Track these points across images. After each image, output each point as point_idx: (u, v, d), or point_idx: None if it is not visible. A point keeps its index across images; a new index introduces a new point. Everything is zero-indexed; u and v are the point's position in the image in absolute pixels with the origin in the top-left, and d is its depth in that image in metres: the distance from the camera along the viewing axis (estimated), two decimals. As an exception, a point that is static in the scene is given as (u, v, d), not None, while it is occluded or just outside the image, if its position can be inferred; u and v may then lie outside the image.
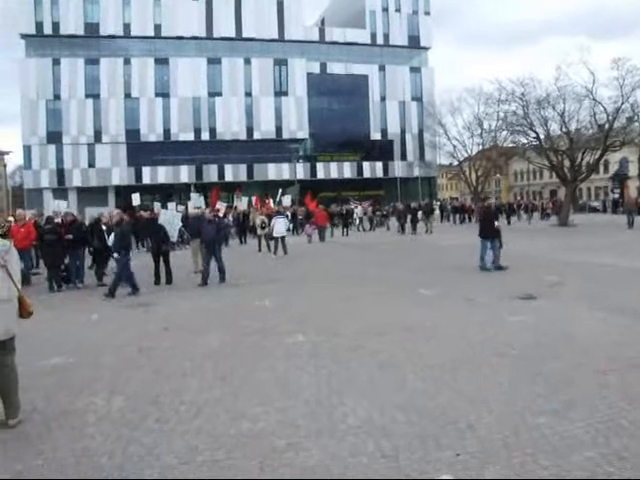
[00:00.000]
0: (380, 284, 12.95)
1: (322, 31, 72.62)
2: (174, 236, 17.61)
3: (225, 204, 28.00)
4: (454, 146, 53.94)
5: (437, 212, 50.49)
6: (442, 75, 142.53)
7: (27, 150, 65.22)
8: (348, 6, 75.16)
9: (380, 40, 72.82)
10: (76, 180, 64.52)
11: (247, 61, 68.02)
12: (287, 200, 37.02)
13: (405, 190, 67.32)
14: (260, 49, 68.15)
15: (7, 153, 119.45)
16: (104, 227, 15.79)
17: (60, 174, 64.79)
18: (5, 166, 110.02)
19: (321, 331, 8.05)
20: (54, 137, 64.39)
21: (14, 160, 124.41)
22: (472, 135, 52.46)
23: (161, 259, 14.70)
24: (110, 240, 14.40)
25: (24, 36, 64.80)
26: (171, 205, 30.42)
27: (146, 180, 64.71)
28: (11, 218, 16.57)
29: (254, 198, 34.28)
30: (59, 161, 64.88)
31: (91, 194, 62.60)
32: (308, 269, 17.35)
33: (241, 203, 34.78)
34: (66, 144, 64.71)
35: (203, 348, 7.25)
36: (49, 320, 9.80)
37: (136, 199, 32.85)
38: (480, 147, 52.23)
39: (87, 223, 16.53)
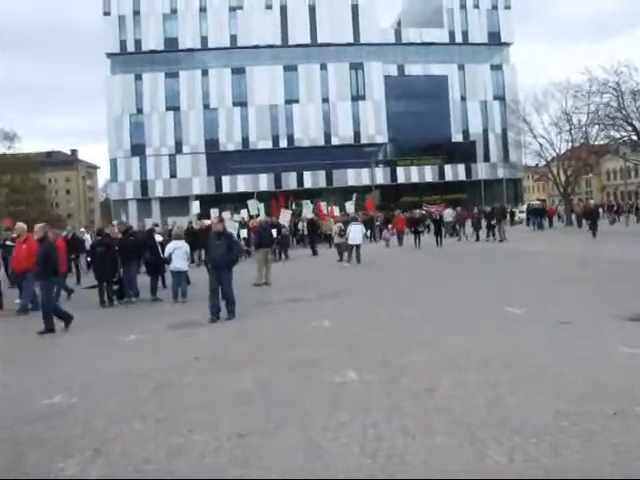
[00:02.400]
0: (460, 300, 11.22)
1: (398, 32, 70.96)
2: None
3: (290, 211, 26.80)
4: (540, 145, 50.55)
5: (523, 216, 47.77)
6: (525, 73, 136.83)
7: (113, 163, 67.78)
8: (424, 5, 73.08)
9: (459, 38, 70.40)
10: (159, 190, 66.06)
11: (323, 67, 67.43)
12: (350, 207, 35.63)
13: (489, 193, 64.42)
14: (336, 54, 67.39)
15: (98, 167, 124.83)
16: (159, 238, 15.07)
17: (144, 185, 66.59)
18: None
19: (380, 366, 6.54)
20: (138, 150, 66.36)
21: (104, 174, 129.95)
22: (560, 132, 49.00)
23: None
24: (167, 251, 13.61)
25: (109, 55, 67.30)
26: (226, 215, 29.47)
27: (226, 189, 65.27)
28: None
29: (318, 205, 32.97)
30: (143, 172, 66.82)
31: (173, 204, 63.67)
32: (379, 280, 15.85)
33: (307, 210, 33.60)
34: (149, 156, 66.57)
35: (229, 388, 5.92)
36: (78, 342, 8.92)
37: (196, 207, 32.46)
38: (569, 145, 48.88)
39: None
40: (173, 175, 66.76)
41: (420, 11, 73.82)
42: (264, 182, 65.23)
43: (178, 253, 13.38)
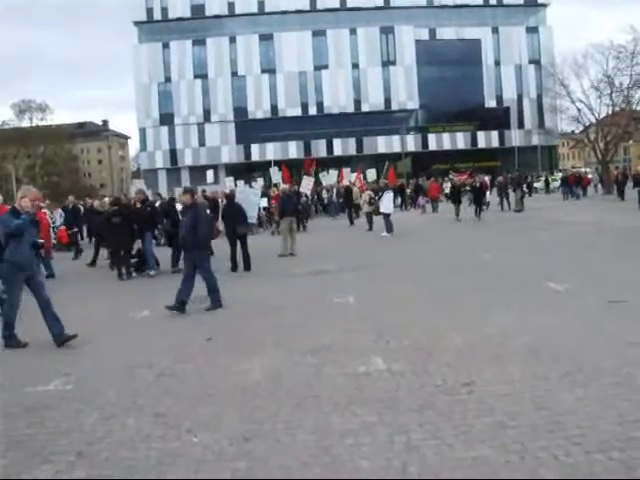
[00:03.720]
0: (497, 274, 10.35)
1: (430, -5, 68.53)
2: (253, 217, 15.85)
3: (312, 179, 25.78)
4: (579, 109, 48.56)
5: (557, 184, 46.09)
6: (561, 36, 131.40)
7: (142, 133, 67.47)
8: (458, -34, 70.47)
9: (493, 0, 67.70)
10: (187, 159, 65.67)
11: (352, 31, 65.68)
12: (372, 175, 34.50)
13: (523, 160, 62.40)
14: (365, 18, 65.45)
15: (129, 138, 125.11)
16: (180, 208, 14.46)
17: (173, 154, 66.31)
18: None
19: (411, 351, 5.80)
20: (166, 119, 65.91)
21: (135, 144, 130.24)
22: (600, 96, 46.93)
23: (238, 243, 13.07)
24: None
25: (137, 23, 66.58)
26: (241, 184, 28.28)
27: (255, 157, 64.55)
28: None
29: (341, 172, 31.73)
30: (171, 142, 66.37)
31: (202, 173, 63.01)
32: (411, 251, 15.03)
33: (327, 176, 32.41)
34: (177, 125, 66.03)
35: (238, 378, 5.23)
36: (88, 318, 8.39)
37: (210, 177, 31.66)
38: (610, 109, 46.79)
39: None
40: (202, 144, 66.22)
41: (453, -28, 71.21)
42: (293, 150, 64.36)
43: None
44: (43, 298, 7.13)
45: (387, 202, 20.43)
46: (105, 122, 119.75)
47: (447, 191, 35.22)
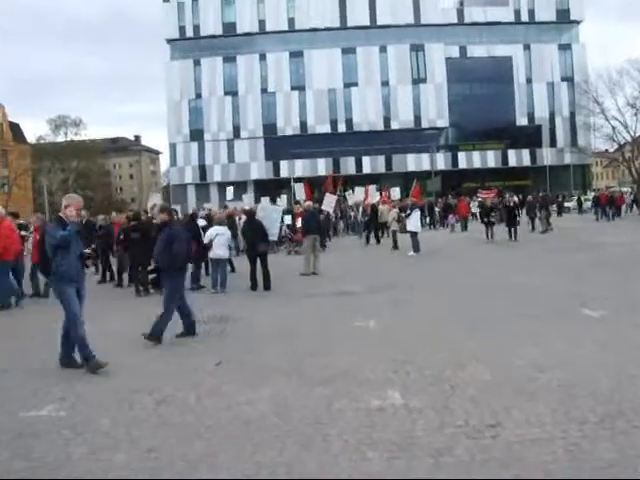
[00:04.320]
0: (527, 299, 9.79)
1: (461, 12, 67.96)
2: (274, 234, 15.48)
3: (335, 197, 25.24)
4: (613, 127, 47.66)
5: (590, 204, 44.96)
6: (594, 53, 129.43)
7: (173, 148, 68.15)
8: (488, -17, 70.10)
9: (525, 17, 66.90)
10: (217, 175, 65.94)
11: (382, 49, 65.63)
12: (395, 193, 33.89)
13: (555, 179, 61.29)
14: (396, 35, 65.31)
15: (160, 153, 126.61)
16: (202, 223, 14.22)
17: (202, 170, 66.79)
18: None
19: (432, 384, 5.34)
20: (196, 135, 66.54)
21: (167, 160, 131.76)
22: (636, 113, 45.94)
23: (258, 261, 12.72)
24: (207, 237, 12.69)
25: (169, 41, 67.59)
26: (265, 200, 27.61)
27: (284, 174, 64.48)
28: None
29: (366, 190, 31.13)
30: (201, 157, 66.89)
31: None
32: (438, 272, 14.47)
33: (352, 196, 31.76)
34: (207, 141, 66.65)
35: (242, 410, 4.79)
36: (92, 335, 8.05)
37: (230, 193, 31.27)
38: (647, 127, 45.70)
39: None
40: (231, 160, 66.55)
41: (484, -11, 70.84)
42: (322, 167, 64.11)
43: (220, 240, 12.44)
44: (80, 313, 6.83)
45: (415, 220, 19.96)
46: (137, 137, 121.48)
47: (474, 210, 34.63)
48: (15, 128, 74.23)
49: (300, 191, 28.15)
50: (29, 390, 5.88)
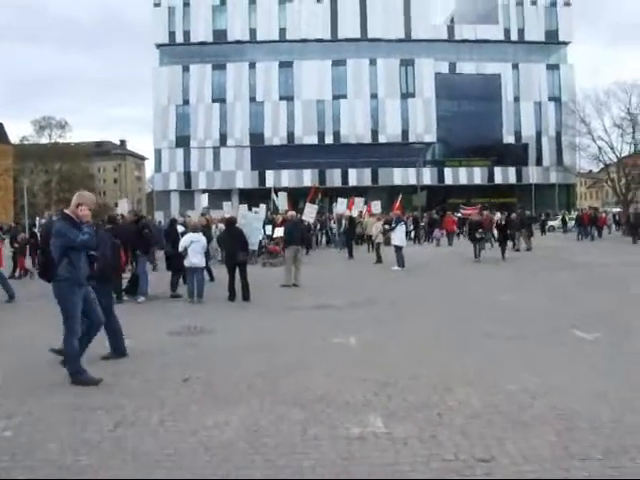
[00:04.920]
0: (516, 319, 9.40)
1: (451, 29, 68.33)
2: (254, 244, 14.99)
3: (316, 207, 24.71)
4: (599, 148, 47.86)
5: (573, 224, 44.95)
6: (583, 75, 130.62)
7: (158, 154, 67.49)
8: (479, 1, 70.44)
9: (514, 36, 67.20)
10: (202, 183, 65.08)
11: (372, 62, 65.60)
12: (376, 207, 33.58)
13: (540, 198, 61.41)
14: (386, 49, 65.37)
15: (146, 159, 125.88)
16: (181, 229, 13.74)
17: (187, 177, 66.04)
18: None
19: (417, 410, 4.90)
20: (182, 141, 65.92)
21: (152, 166, 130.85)
22: (622, 134, 46.19)
23: (237, 270, 12.23)
24: (181, 245, 12.18)
25: (159, 46, 67.06)
26: (243, 208, 26.73)
27: (269, 183, 63.80)
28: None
29: (349, 202, 30.64)
30: (186, 164, 66.14)
31: (216, 197, 62.54)
32: (422, 288, 14.06)
33: (338, 205, 31.25)
34: (193, 148, 66.00)
35: (209, 434, 4.36)
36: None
37: (205, 200, 30.81)
38: (632, 148, 45.85)
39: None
40: (217, 168, 65.93)
41: (474, 8, 71.13)
42: (308, 178, 63.68)
43: (195, 247, 11.94)
44: (98, 315, 6.38)
45: (400, 234, 19.59)
46: (123, 142, 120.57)
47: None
48: (-3, 127, 73.31)
49: (283, 201, 27.62)
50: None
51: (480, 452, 3.98)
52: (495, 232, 26.91)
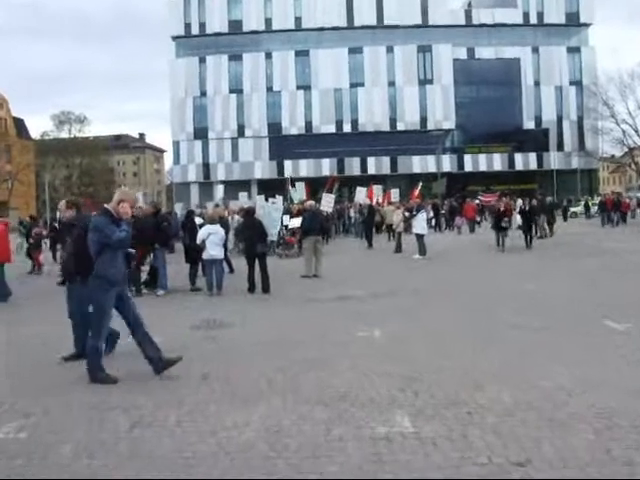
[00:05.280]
0: (544, 309, 9.07)
1: (469, 13, 67.21)
2: (273, 234, 14.77)
3: (333, 196, 24.30)
4: (623, 131, 46.92)
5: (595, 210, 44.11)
6: (605, 57, 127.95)
7: (176, 146, 67.59)
8: (498, -15, 69.35)
9: (533, 19, 66.02)
10: (220, 174, 65.12)
11: (389, 49, 64.93)
12: (395, 195, 33.24)
13: (562, 184, 60.49)
14: (403, 36, 64.61)
15: (165, 151, 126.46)
16: (199, 221, 13.59)
17: (206, 168, 66.10)
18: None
19: (446, 407, 4.67)
20: (200, 133, 65.96)
21: (171, 158, 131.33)
22: (647, 117, 45.09)
23: (256, 262, 12.05)
24: (199, 237, 12.04)
25: (174, 38, 66.94)
26: (260, 199, 26.21)
27: (288, 173, 63.64)
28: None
29: (368, 190, 30.16)
30: (205, 156, 66.17)
31: (235, 187, 62.53)
32: (446, 277, 13.76)
33: (358, 195, 30.72)
34: (211, 139, 66.03)
35: (228, 435, 4.20)
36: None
37: (220, 191, 30.55)
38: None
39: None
40: (235, 159, 65.95)
41: (493, -9, 70.10)
42: (327, 167, 63.49)
43: (212, 239, 11.78)
44: (134, 316, 6.08)
45: (421, 222, 19.29)
46: (142, 135, 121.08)
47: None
48: (19, 123, 73.87)
49: (301, 191, 27.26)
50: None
51: (515, 454, 3.74)
52: (517, 219, 26.49)
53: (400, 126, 65.11)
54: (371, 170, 63.64)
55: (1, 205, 58.26)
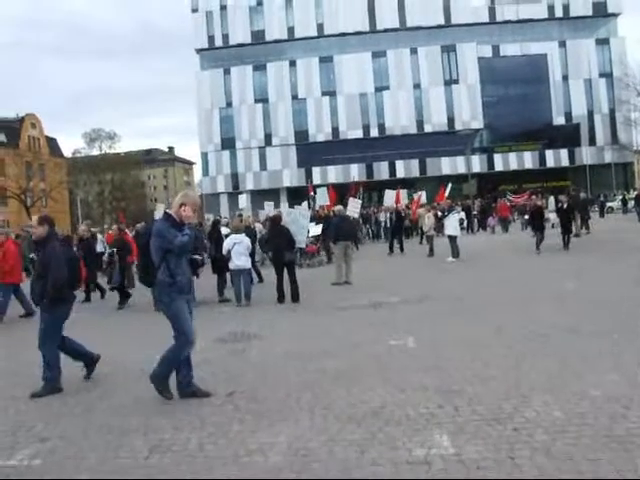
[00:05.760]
0: (590, 311, 8.57)
1: (492, 10, 66.08)
2: (301, 242, 14.42)
3: (359, 201, 23.69)
4: (660, 121, 45.52)
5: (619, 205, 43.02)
6: (636, 48, 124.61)
7: (204, 157, 68.07)
8: (519, -20, 68.28)
9: (559, 13, 64.81)
10: (249, 184, 65.31)
11: (413, 51, 64.38)
12: (422, 197, 32.60)
13: (595, 179, 59.05)
14: (426, 37, 64.09)
15: (194, 164, 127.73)
16: (225, 231, 13.35)
17: (234, 178, 66.34)
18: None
19: (489, 423, 4.26)
20: (228, 143, 66.26)
21: (200, 170, 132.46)
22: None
23: (285, 270, 11.72)
24: (225, 248, 11.77)
25: (199, 51, 67.52)
26: (284, 207, 25.71)
27: (316, 181, 63.47)
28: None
29: (396, 192, 29.46)
30: (233, 166, 66.41)
31: (264, 196, 62.58)
32: (482, 280, 13.21)
33: (387, 199, 29.79)
34: (239, 149, 66.29)
35: (253, 459, 3.86)
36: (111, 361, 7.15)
37: (243, 201, 30.03)
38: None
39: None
40: (263, 168, 66.01)
41: (516, -14, 69.03)
42: (355, 173, 62.68)
43: (238, 249, 11.50)
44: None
45: (453, 223, 18.78)
46: (171, 149, 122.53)
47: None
48: (52, 142, 75.16)
49: (323, 196, 26.63)
50: (9, 427, 5.01)
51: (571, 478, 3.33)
52: (551, 218, 25.55)
53: (427, 128, 64.49)
54: (400, 174, 63.10)
55: (35, 222, 59.20)
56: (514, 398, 4.81)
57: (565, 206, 19.79)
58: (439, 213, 20.21)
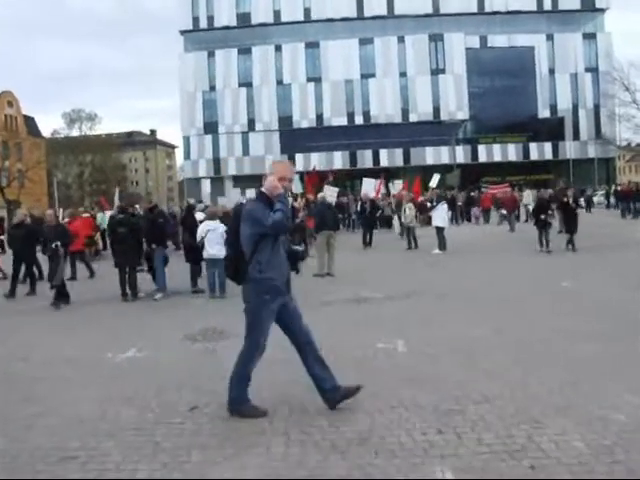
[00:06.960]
0: (590, 311, 7.96)
1: (481, 1, 65.61)
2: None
3: (336, 189, 22.78)
4: (646, 117, 45.26)
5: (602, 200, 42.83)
6: (623, 44, 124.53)
7: (186, 141, 67.25)
8: (510, -30, 67.70)
9: (547, 5, 64.68)
10: (231, 169, 64.72)
11: (400, 39, 63.86)
12: (397, 186, 32.19)
13: (578, 173, 58.93)
14: (414, 25, 63.47)
15: (176, 147, 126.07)
16: (200, 217, 12.56)
17: (216, 163, 65.55)
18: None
19: (499, 454, 3.56)
20: (210, 127, 65.50)
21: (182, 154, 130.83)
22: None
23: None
24: (198, 235, 10.96)
25: (183, 32, 66.33)
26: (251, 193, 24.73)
27: (299, 167, 62.37)
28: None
29: (378, 182, 28.63)
30: (215, 150, 65.53)
31: (246, 182, 61.86)
32: (470, 274, 12.57)
33: (365, 186, 28.66)
34: (221, 133, 65.48)
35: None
36: (49, 360, 6.35)
37: (206, 187, 29.04)
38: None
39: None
40: (246, 153, 65.11)
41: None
42: (339, 160, 62.58)
43: (212, 237, 10.68)
44: (303, 333, 4.81)
45: (442, 213, 18.08)
46: (153, 132, 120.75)
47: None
48: (30, 122, 73.30)
49: (297, 184, 25.40)
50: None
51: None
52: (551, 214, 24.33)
53: (413, 117, 64.10)
54: (384, 162, 62.71)
55: (11, 203, 57.63)
56: (525, 423, 4.10)
57: (571, 201, 18.13)
58: (428, 204, 19.41)
